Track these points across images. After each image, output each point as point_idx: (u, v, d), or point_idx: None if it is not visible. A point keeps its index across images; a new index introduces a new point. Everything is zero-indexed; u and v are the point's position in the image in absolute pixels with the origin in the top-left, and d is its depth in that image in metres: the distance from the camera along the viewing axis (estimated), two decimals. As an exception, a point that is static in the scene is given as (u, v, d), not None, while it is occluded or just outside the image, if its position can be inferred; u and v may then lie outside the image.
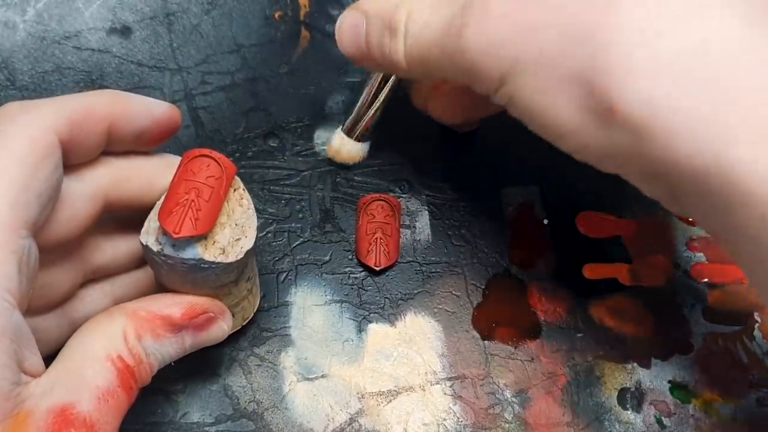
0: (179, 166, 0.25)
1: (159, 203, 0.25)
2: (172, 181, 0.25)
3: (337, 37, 0.30)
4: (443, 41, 0.26)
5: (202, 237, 0.24)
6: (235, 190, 0.26)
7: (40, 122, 0.23)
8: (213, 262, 0.24)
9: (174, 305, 0.26)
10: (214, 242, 0.24)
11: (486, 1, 0.25)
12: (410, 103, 0.37)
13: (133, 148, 0.27)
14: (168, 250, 0.24)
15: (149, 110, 0.26)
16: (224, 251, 0.25)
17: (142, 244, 0.24)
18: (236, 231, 0.25)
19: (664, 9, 0.22)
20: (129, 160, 0.27)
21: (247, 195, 0.26)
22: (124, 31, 0.38)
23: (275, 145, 0.36)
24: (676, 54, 0.22)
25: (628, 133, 0.23)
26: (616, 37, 0.22)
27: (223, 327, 0.28)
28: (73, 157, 0.25)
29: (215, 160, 0.25)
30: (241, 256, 0.25)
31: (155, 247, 0.24)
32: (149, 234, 0.24)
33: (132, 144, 0.26)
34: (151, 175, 0.27)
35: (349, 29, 0.30)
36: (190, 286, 0.26)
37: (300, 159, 0.36)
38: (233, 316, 0.28)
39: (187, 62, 0.37)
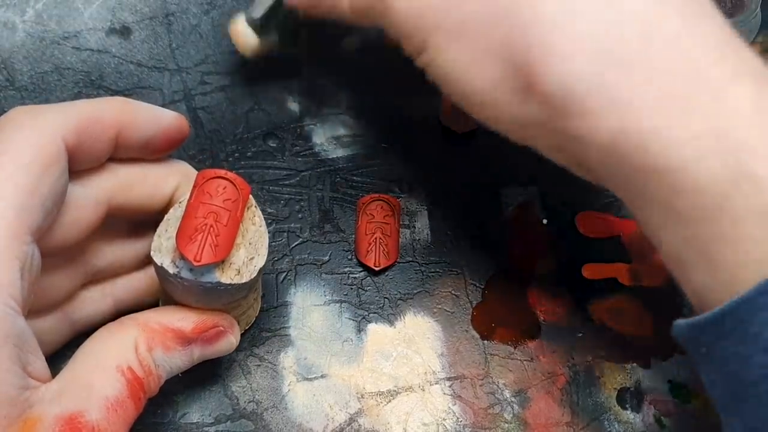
0: (194, 188, 0.25)
1: (169, 218, 0.25)
2: (189, 202, 0.25)
3: None
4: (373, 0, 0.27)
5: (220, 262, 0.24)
6: (248, 209, 0.26)
7: (47, 129, 0.23)
8: (230, 284, 0.24)
9: (185, 319, 0.26)
10: (230, 264, 0.25)
11: None
12: (411, 102, 0.37)
13: (139, 156, 0.27)
14: (185, 274, 0.24)
15: (157, 119, 0.26)
16: (239, 272, 0.25)
17: (155, 263, 0.24)
18: (250, 250, 0.25)
19: None
20: (134, 166, 0.27)
21: (258, 212, 0.26)
22: (124, 32, 0.38)
23: (274, 145, 0.36)
24: (594, 33, 0.23)
25: (544, 109, 0.24)
26: (538, 13, 0.23)
27: (231, 340, 0.28)
28: (80, 164, 0.25)
29: (231, 182, 0.25)
30: (255, 275, 0.25)
31: (171, 270, 0.24)
32: (162, 254, 0.24)
33: (138, 152, 0.27)
34: (155, 181, 0.27)
35: None
36: (204, 304, 0.26)
37: (299, 159, 0.36)
38: (238, 323, 0.29)
39: (187, 62, 0.37)
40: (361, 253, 0.34)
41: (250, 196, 0.26)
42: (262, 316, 0.33)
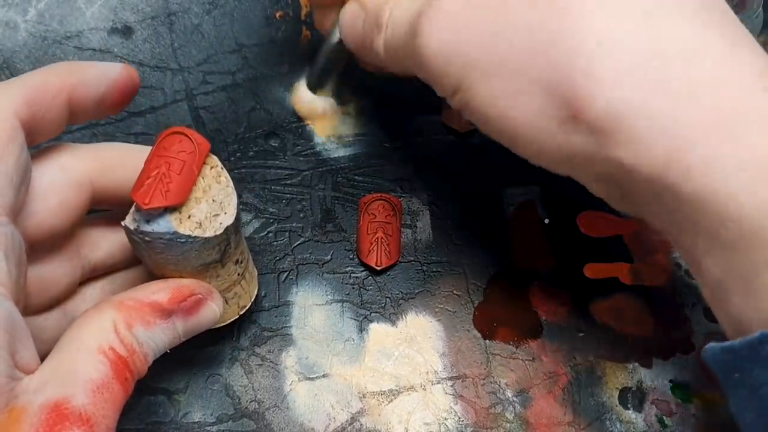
0: (154, 145, 0.25)
1: None
2: (147, 158, 0.25)
3: (341, 31, 0.31)
4: (405, 40, 0.27)
5: (174, 209, 0.24)
6: (212, 168, 0.26)
7: None
8: (189, 236, 0.24)
9: (160, 291, 0.26)
10: (190, 216, 0.24)
11: (440, 1, 0.25)
12: (412, 102, 0.37)
13: (99, 116, 0.27)
14: (143, 226, 0.24)
15: (105, 74, 0.26)
16: (201, 225, 0.25)
17: (123, 227, 0.25)
18: (214, 207, 0.25)
19: (624, 15, 0.23)
20: (114, 148, 0.27)
21: (225, 173, 0.26)
22: (126, 31, 0.38)
23: (276, 144, 0.36)
24: (637, 60, 0.22)
25: (589, 139, 0.23)
26: (579, 45, 0.23)
27: (213, 309, 0.27)
28: (38, 135, 0.25)
29: (187, 136, 0.25)
30: (220, 231, 0.25)
31: (132, 226, 0.24)
32: (128, 216, 0.25)
33: (96, 111, 0.26)
34: (137, 163, 0.27)
35: (350, 21, 0.31)
36: (173, 267, 0.26)
37: (301, 159, 0.36)
38: (227, 303, 0.28)
39: (189, 62, 0.37)
40: (362, 252, 0.34)
41: (215, 157, 0.26)
42: (264, 315, 0.33)
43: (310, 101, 0.37)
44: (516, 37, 0.24)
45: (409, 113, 0.37)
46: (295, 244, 0.34)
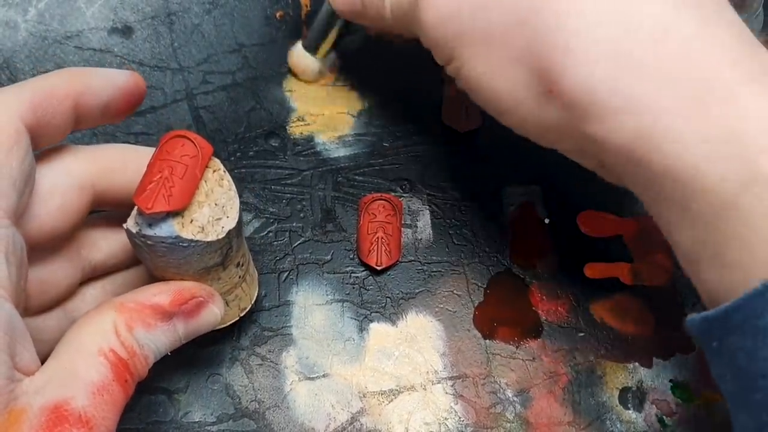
0: (156, 148, 0.25)
1: None
2: (149, 162, 0.25)
3: None
4: (408, 9, 0.28)
5: (177, 214, 0.24)
6: (214, 171, 0.26)
7: (2, 111, 0.23)
8: (192, 241, 0.24)
9: (162, 293, 0.26)
10: (192, 220, 0.24)
11: None
12: (412, 102, 0.37)
13: (105, 122, 0.27)
14: (146, 230, 0.24)
15: (111, 81, 0.26)
16: (203, 230, 0.25)
17: (125, 229, 0.24)
18: (216, 210, 0.25)
19: None
20: (116, 150, 0.27)
21: (228, 177, 0.26)
22: (126, 31, 0.38)
23: (276, 144, 0.36)
24: (612, 38, 0.23)
25: (566, 112, 0.24)
26: (559, 20, 0.24)
27: (214, 311, 0.27)
28: (43, 140, 0.25)
29: (190, 140, 0.25)
30: (223, 235, 0.25)
31: (134, 229, 0.24)
32: (130, 218, 0.25)
33: (101, 118, 0.26)
34: (138, 165, 0.27)
35: None
36: (174, 270, 0.26)
37: (301, 158, 0.36)
38: (228, 305, 0.28)
39: (189, 62, 0.37)
40: (363, 252, 0.34)
41: (218, 160, 0.26)
42: (264, 315, 0.33)
43: (304, 62, 0.37)
44: (501, 8, 0.25)
45: (409, 113, 0.37)
46: (296, 244, 0.34)
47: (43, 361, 0.23)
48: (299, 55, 0.37)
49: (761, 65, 0.23)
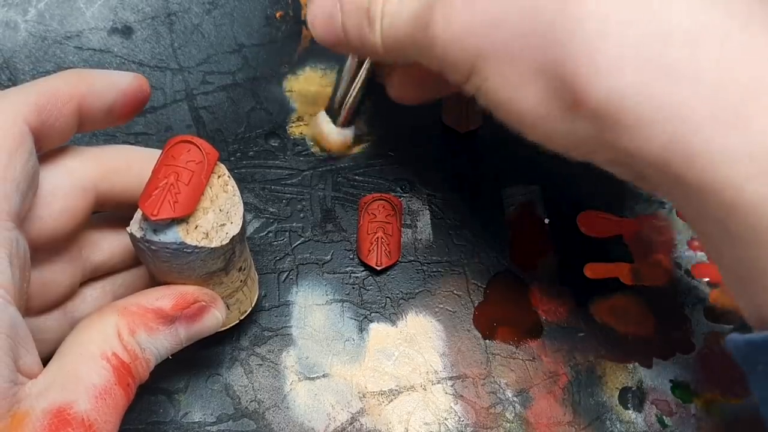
0: (162, 153, 0.25)
1: None
2: (154, 167, 0.25)
3: (310, 26, 0.30)
4: (413, 31, 0.26)
5: (182, 220, 0.24)
6: (219, 177, 0.26)
7: (6, 113, 0.23)
8: (196, 247, 0.24)
9: (164, 297, 0.26)
10: (197, 227, 0.24)
11: None
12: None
13: (108, 125, 0.27)
14: (150, 236, 0.24)
15: (115, 83, 0.26)
16: (208, 236, 0.24)
17: (128, 233, 0.24)
18: (221, 216, 0.25)
19: None
20: (118, 152, 0.27)
21: (232, 182, 0.26)
22: (126, 31, 0.38)
23: (276, 144, 0.36)
24: (640, 43, 0.21)
25: (593, 124, 0.23)
26: (580, 27, 0.22)
27: (216, 316, 0.27)
28: (47, 142, 0.25)
29: (196, 146, 0.25)
30: (227, 241, 0.25)
31: (138, 234, 0.24)
32: (134, 222, 0.24)
33: (105, 120, 0.26)
34: (141, 167, 0.27)
35: (323, 17, 0.29)
36: (177, 274, 0.26)
37: (301, 159, 0.36)
38: (228, 308, 0.28)
39: (189, 62, 0.38)
40: (362, 252, 0.34)
41: (223, 166, 0.26)
42: (264, 315, 0.33)
43: (334, 135, 0.36)
44: (520, 20, 0.23)
45: (409, 113, 0.37)
46: (295, 244, 0.34)
47: (44, 362, 0.23)
48: (328, 130, 0.36)
49: None
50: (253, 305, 0.30)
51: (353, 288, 0.34)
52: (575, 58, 0.22)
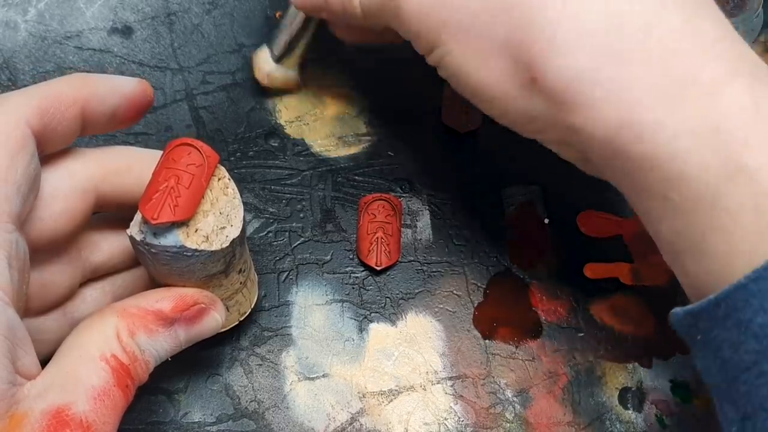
0: (162, 156, 0.25)
1: None
2: (154, 170, 0.25)
3: None
4: (384, 1, 0.28)
5: (182, 224, 0.24)
6: (219, 180, 0.25)
7: (9, 115, 0.23)
8: (196, 250, 0.24)
9: (164, 299, 0.26)
10: (197, 230, 0.24)
11: None
12: (412, 102, 0.37)
13: (111, 129, 0.27)
14: (150, 239, 0.24)
15: (119, 88, 0.26)
16: (208, 239, 0.24)
17: (128, 236, 0.24)
18: (221, 219, 0.25)
19: None
20: (118, 153, 0.27)
21: (232, 185, 0.26)
22: (126, 31, 0.38)
23: (276, 144, 0.36)
24: (593, 29, 0.23)
25: (548, 103, 0.24)
26: (540, 10, 0.24)
27: (216, 318, 0.27)
28: (49, 145, 0.25)
29: (197, 149, 0.25)
30: (227, 244, 0.25)
31: (138, 237, 0.24)
32: (134, 225, 0.24)
33: (108, 125, 0.26)
34: (141, 168, 0.27)
35: None
36: (177, 277, 0.26)
37: (301, 159, 0.36)
38: (228, 310, 0.28)
39: (189, 62, 0.37)
40: (362, 252, 0.34)
41: (223, 168, 0.26)
42: (264, 315, 0.33)
43: (270, 71, 0.36)
44: (484, 0, 0.25)
45: (409, 113, 0.37)
46: (295, 244, 0.34)
47: (42, 363, 0.23)
48: (264, 61, 0.36)
49: (742, 59, 0.23)
50: (252, 306, 0.30)
51: (353, 288, 0.34)
52: (536, 38, 0.24)
